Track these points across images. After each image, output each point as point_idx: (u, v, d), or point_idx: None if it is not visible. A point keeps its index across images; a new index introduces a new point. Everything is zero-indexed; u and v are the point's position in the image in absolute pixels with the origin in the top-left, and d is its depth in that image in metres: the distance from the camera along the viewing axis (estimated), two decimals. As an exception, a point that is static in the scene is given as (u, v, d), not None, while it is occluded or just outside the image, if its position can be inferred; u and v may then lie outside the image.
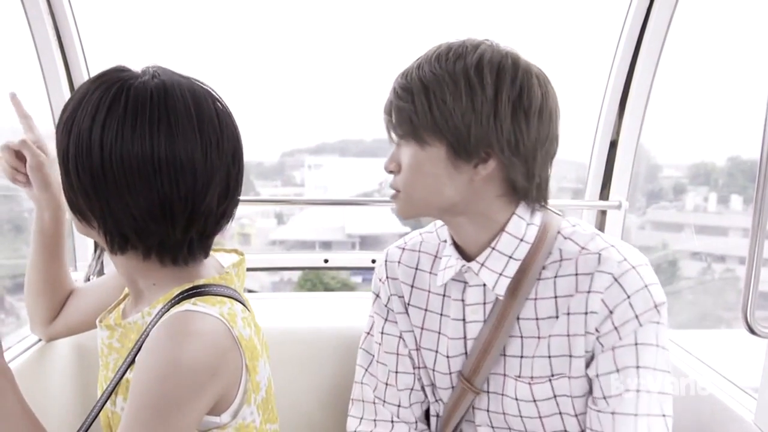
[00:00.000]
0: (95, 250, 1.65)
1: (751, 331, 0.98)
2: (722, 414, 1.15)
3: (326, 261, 1.79)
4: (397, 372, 1.14)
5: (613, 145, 1.74)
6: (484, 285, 1.02)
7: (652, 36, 1.60)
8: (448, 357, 1.07)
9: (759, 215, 0.95)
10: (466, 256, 1.04)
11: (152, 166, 0.82)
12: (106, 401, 0.92)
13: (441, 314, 1.09)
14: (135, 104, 0.82)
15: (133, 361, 0.89)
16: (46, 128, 1.13)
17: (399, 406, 1.14)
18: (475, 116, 0.91)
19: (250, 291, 1.04)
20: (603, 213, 1.80)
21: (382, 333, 1.15)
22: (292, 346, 1.47)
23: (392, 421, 1.13)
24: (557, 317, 0.98)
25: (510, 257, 0.99)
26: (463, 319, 1.05)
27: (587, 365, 0.97)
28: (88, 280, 1.61)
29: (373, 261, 1.67)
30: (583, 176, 1.87)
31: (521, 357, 1.01)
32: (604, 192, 1.78)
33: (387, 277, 1.15)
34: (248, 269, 1.07)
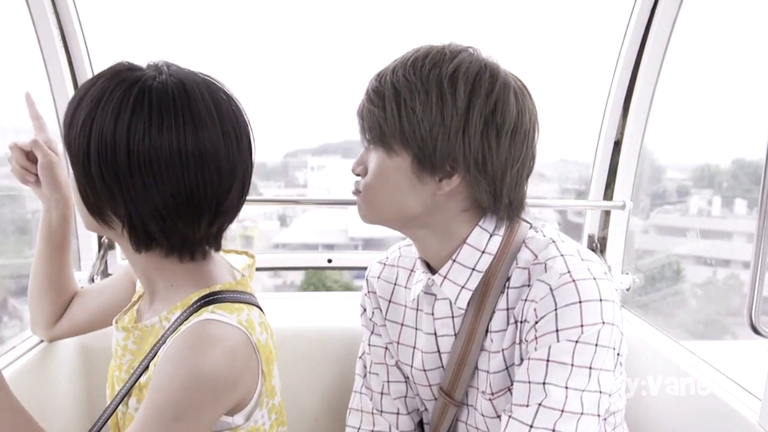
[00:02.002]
0: (99, 250, 1.66)
1: (756, 331, 0.98)
2: (726, 415, 1.15)
3: (330, 261, 1.79)
4: (388, 381, 1.14)
5: (617, 145, 1.74)
6: None
7: (656, 37, 1.60)
8: (424, 371, 1.06)
9: (764, 219, 0.95)
10: (432, 269, 1.01)
11: (180, 165, 0.83)
12: (119, 403, 0.92)
13: (415, 328, 1.08)
14: (159, 105, 0.82)
15: (147, 366, 0.90)
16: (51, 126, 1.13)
17: (398, 414, 1.13)
18: (443, 129, 0.88)
19: (255, 292, 1.05)
20: (607, 213, 1.79)
21: (369, 345, 1.16)
22: (296, 346, 1.47)
23: None
24: (506, 329, 0.95)
25: (473, 269, 0.96)
26: (435, 333, 1.03)
27: None
28: (92, 280, 1.61)
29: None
30: (586, 177, 1.87)
31: (487, 372, 0.97)
32: (608, 192, 1.77)
33: (369, 292, 1.16)
34: (253, 269, 1.07)
